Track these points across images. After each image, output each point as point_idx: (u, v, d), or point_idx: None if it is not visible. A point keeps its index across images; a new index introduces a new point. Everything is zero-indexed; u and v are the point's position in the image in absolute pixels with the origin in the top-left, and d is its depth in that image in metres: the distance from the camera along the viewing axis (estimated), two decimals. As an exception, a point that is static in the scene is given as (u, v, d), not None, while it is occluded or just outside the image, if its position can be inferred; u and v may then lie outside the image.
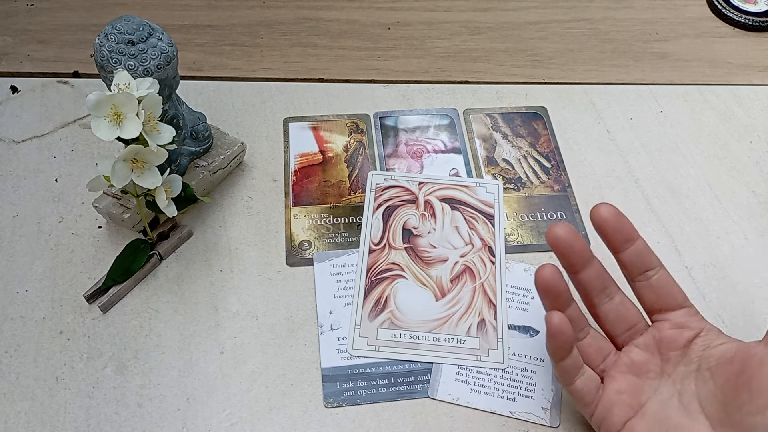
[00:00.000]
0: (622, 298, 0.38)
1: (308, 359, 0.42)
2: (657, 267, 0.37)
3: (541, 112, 0.56)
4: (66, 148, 0.52)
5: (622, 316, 0.37)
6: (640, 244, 0.37)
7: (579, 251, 0.36)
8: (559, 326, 0.34)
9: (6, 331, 0.42)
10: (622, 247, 0.37)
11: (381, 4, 0.65)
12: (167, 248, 0.46)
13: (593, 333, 0.38)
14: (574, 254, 0.36)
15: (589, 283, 0.37)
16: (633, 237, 0.37)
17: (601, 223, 0.37)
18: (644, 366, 0.36)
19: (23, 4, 0.64)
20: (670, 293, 0.37)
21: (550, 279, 0.35)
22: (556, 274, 0.35)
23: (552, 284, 0.35)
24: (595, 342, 0.37)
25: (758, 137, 0.55)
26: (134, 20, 0.40)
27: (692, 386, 0.35)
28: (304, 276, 0.46)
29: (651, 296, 0.37)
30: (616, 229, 0.37)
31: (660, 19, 0.65)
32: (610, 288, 0.37)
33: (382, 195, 0.50)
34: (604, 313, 0.38)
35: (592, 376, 0.37)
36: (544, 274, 0.35)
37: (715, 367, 0.34)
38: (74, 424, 0.39)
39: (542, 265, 0.36)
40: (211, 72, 0.58)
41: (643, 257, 0.37)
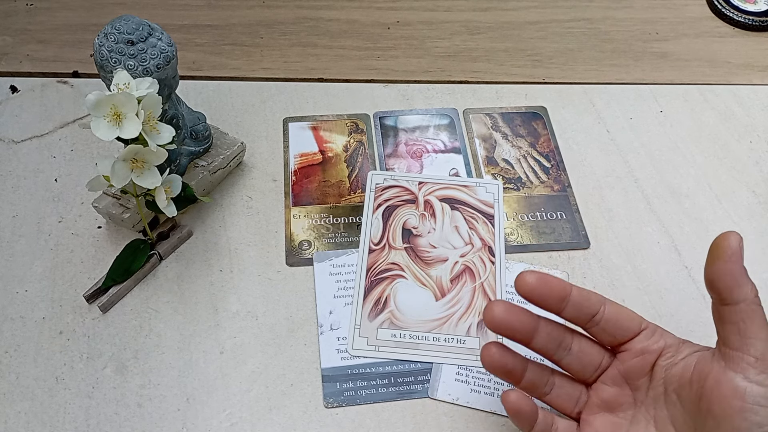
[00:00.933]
0: (580, 345, 0.36)
1: (308, 359, 0.42)
2: (600, 307, 0.35)
3: (541, 111, 0.56)
4: (66, 148, 0.52)
5: (586, 362, 0.36)
6: (575, 295, 0.35)
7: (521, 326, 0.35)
8: (516, 406, 0.35)
9: (6, 331, 0.42)
10: (559, 308, 0.35)
11: (381, 4, 0.65)
12: (167, 248, 0.46)
13: (559, 382, 0.37)
14: (517, 332, 0.35)
15: (543, 348, 0.36)
16: (566, 293, 0.35)
17: (528, 292, 0.35)
18: (616, 400, 0.36)
19: (23, 4, 0.64)
20: (622, 326, 0.35)
21: (497, 359, 0.35)
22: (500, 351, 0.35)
23: (499, 364, 0.35)
24: (562, 390, 0.37)
25: (758, 137, 0.55)
26: (134, 20, 0.40)
27: (664, 411, 0.34)
28: (304, 276, 0.46)
29: (605, 337, 0.36)
30: (547, 294, 0.35)
31: (660, 19, 0.65)
32: (565, 341, 0.36)
33: (381, 195, 0.50)
34: (567, 365, 0.37)
35: (567, 427, 0.36)
36: (490, 356, 0.35)
37: (678, 389, 0.33)
38: (74, 424, 0.39)
39: (485, 345, 0.36)
40: (211, 72, 0.58)
41: (582, 307, 0.35)
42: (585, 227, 0.49)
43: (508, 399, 0.35)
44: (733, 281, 0.31)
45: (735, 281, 0.31)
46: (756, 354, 0.31)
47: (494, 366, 0.36)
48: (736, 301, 0.31)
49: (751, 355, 0.31)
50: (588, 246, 0.48)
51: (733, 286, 0.31)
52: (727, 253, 0.32)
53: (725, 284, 0.32)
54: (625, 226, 0.49)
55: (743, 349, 0.31)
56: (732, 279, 0.31)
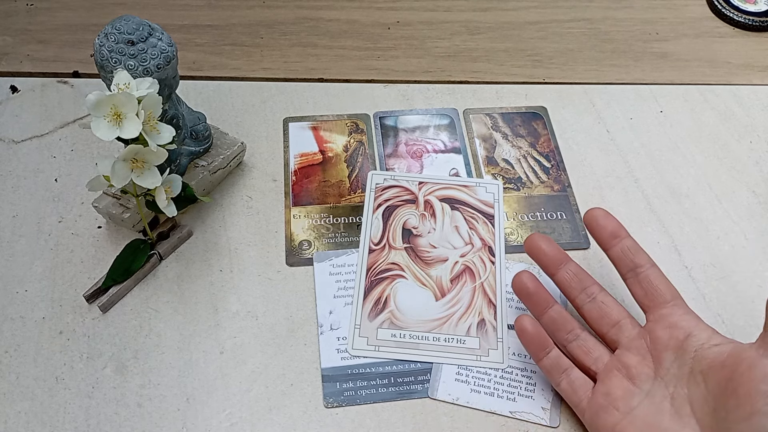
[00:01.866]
0: (604, 297, 0.39)
1: (308, 359, 0.42)
2: (646, 264, 0.38)
3: (541, 112, 0.56)
4: (66, 148, 0.52)
5: (605, 313, 0.38)
6: (628, 242, 0.39)
7: (552, 254, 0.40)
8: (522, 326, 0.37)
9: (6, 331, 0.42)
10: (609, 244, 0.39)
11: (381, 4, 0.65)
12: (167, 248, 0.46)
13: (584, 336, 0.38)
14: (548, 257, 0.40)
15: (567, 284, 0.39)
16: (620, 234, 0.39)
17: (590, 220, 0.40)
18: (636, 369, 0.36)
19: (23, 4, 0.64)
20: (657, 290, 0.38)
21: (524, 283, 0.39)
22: (530, 279, 0.39)
23: (525, 288, 0.38)
24: (584, 344, 0.38)
25: (758, 137, 0.55)
26: (134, 20, 0.40)
27: (684, 389, 0.34)
28: (304, 276, 0.46)
29: (639, 292, 0.38)
30: (602, 227, 0.39)
31: (660, 19, 0.65)
32: (590, 288, 0.39)
33: (381, 195, 0.50)
34: (587, 312, 0.39)
35: (578, 377, 0.37)
36: (520, 279, 0.39)
37: (707, 370, 0.34)
38: (74, 424, 0.39)
39: (519, 272, 0.39)
40: (211, 72, 0.58)
41: (630, 254, 0.39)
42: (585, 227, 0.49)
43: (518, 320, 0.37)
44: None
45: None
46: None
47: (521, 289, 0.39)
48: None
49: None
50: (588, 246, 0.48)
51: None
52: None
53: None
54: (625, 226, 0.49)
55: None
56: None
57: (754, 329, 0.44)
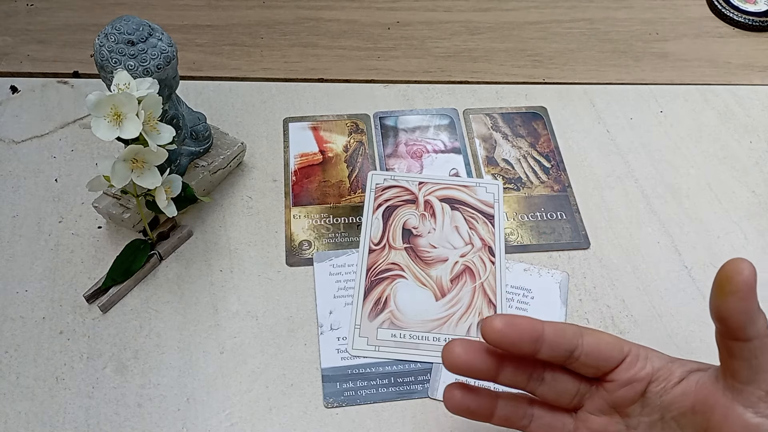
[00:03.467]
0: (553, 374, 0.34)
1: (308, 359, 0.42)
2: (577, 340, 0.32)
3: (541, 112, 0.56)
4: (66, 148, 0.52)
5: (561, 390, 0.34)
6: (549, 332, 0.31)
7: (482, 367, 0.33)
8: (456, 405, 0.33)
9: (6, 331, 0.42)
10: (534, 349, 0.32)
11: (381, 4, 0.65)
12: (167, 248, 0.46)
13: (539, 412, 0.34)
14: (479, 372, 0.33)
15: (512, 383, 0.34)
16: (538, 333, 0.31)
17: (498, 339, 0.31)
18: (606, 430, 0.33)
19: (23, 4, 0.64)
20: (604, 357, 0.32)
21: (458, 401, 0.33)
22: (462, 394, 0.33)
23: (461, 406, 0.33)
24: (544, 422, 0.34)
25: (758, 137, 0.55)
26: (134, 20, 0.40)
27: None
28: (304, 276, 0.46)
29: (588, 370, 0.33)
30: (517, 338, 0.31)
31: (660, 19, 0.65)
32: (535, 372, 0.34)
33: (382, 195, 0.50)
34: (541, 395, 0.34)
35: None
36: (452, 399, 0.33)
37: (678, 416, 0.32)
38: (74, 424, 0.39)
39: (447, 387, 0.34)
40: (211, 72, 0.58)
41: (559, 345, 0.32)
42: (585, 227, 0.49)
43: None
44: (747, 319, 0.28)
45: (750, 318, 0.28)
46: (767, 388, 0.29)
47: (457, 409, 0.33)
48: (749, 338, 0.28)
49: (762, 389, 0.29)
50: (588, 246, 0.48)
51: (747, 323, 0.28)
52: (741, 288, 0.28)
53: (739, 322, 0.28)
54: (625, 226, 0.49)
55: (755, 383, 0.29)
56: (747, 317, 0.28)
57: (754, 329, 0.44)
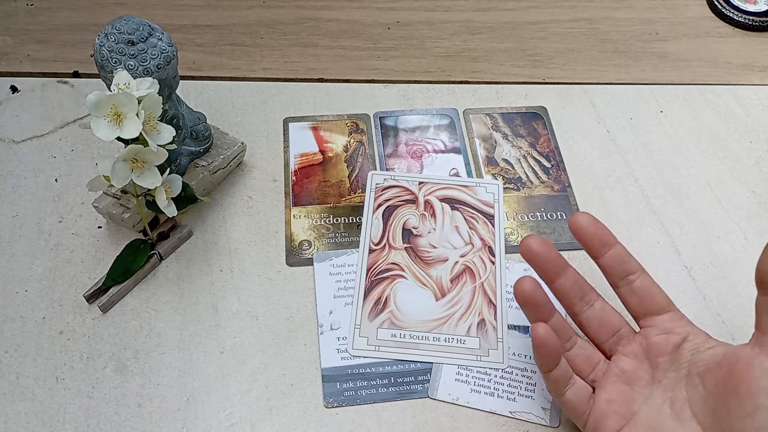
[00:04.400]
0: (603, 305, 0.38)
1: (308, 359, 0.42)
2: (638, 272, 0.38)
3: (541, 112, 0.56)
4: (66, 148, 0.52)
5: (604, 322, 0.38)
6: (619, 249, 0.38)
7: (552, 261, 0.38)
8: (544, 337, 0.35)
9: (6, 331, 0.42)
10: (600, 252, 0.38)
11: (381, 4, 0.65)
12: (167, 248, 0.46)
13: (581, 343, 0.38)
14: (547, 264, 0.38)
15: (566, 292, 0.38)
16: (610, 242, 0.38)
17: (578, 229, 0.38)
18: (634, 374, 0.36)
19: (23, 4, 0.64)
20: (653, 297, 0.37)
21: (529, 291, 0.37)
22: (534, 286, 0.37)
23: (531, 296, 0.37)
24: (583, 352, 0.38)
25: (758, 137, 0.55)
26: (134, 20, 0.40)
27: (683, 392, 0.34)
28: (304, 276, 0.46)
29: (634, 300, 0.38)
30: (593, 235, 0.38)
31: (660, 19, 0.65)
32: (589, 295, 0.38)
33: (382, 195, 0.50)
34: (586, 320, 0.38)
35: (582, 387, 0.37)
36: (523, 287, 0.37)
37: (704, 372, 0.34)
38: (74, 424, 0.39)
39: (520, 278, 0.37)
40: (211, 72, 0.58)
41: (622, 262, 0.38)
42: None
43: (537, 329, 0.35)
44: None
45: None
46: None
47: (526, 297, 0.37)
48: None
49: None
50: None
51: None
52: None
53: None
54: (625, 226, 0.49)
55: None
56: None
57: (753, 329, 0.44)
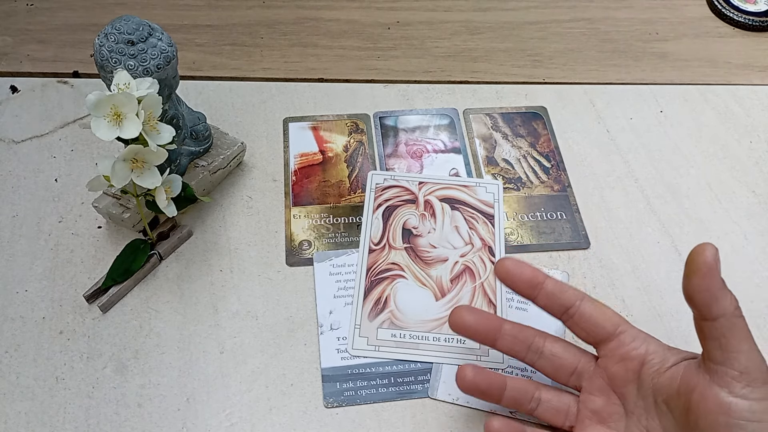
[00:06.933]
0: (552, 347, 0.37)
1: (308, 359, 0.42)
2: (575, 302, 0.36)
3: (541, 112, 0.56)
4: (66, 148, 0.52)
5: (558, 365, 0.37)
6: (549, 285, 0.36)
7: (483, 329, 0.37)
8: None
9: (6, 331, 0.42)
10: (532, 294, 0.36)
11: (381, 4, 0.65)
12: (167, 248, 0.46)
13: (546, 396, 0.37)
14: (479, 334, 0.37)
15: (511, 350, 0.37)
16: (538, 280, 0.36)
17: (503, 275, 0.37)
18: (605, 411, 0.35)
19: (23, 4, 0.64)
20: (597, 324, 0.35)
21: (469, 380, 0.36)
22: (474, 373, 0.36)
23: (473, 384, 0.36)
24: (550, 405, 0.37)
25: (758, 137, 0.55)
26: (134, 20, 0.40)
27: (656, 420, 0.34)
28: (304, 276, 0.46)
29: (581, 333, 0.36)
30: (518, 277, 0.36)
31: (660, 19, 0.65)
32: (535, 343, 0.37)
33: (382, 195, 0.50)
34: (541, 368, 0.37)
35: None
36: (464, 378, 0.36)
37: (667, 399, 0.33)
38: (74, 424, 0.39)
39: (460, 367, 0.36)
40: (211, 72, 0.58)
41: (556, 297, 0.36)
42: (585, 227, 0.49)
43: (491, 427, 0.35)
44: (710, 297, 0.31)
45: (713, 296, 0.31)
46: (739, 368, 0.30)
47: (468, 387, 0.36)
48: (715, 317, 0.31)
49: (734, 369, 0.31)
50: (588, 246, 0.48)
51: (711, 301, 0.31)
52: (702, 268, 0.31)
53: (703, 300, 0.31)
54: (625, 226, 0.49)
55: (727, 363, 0.31)
56: (709, 295, 0.31)
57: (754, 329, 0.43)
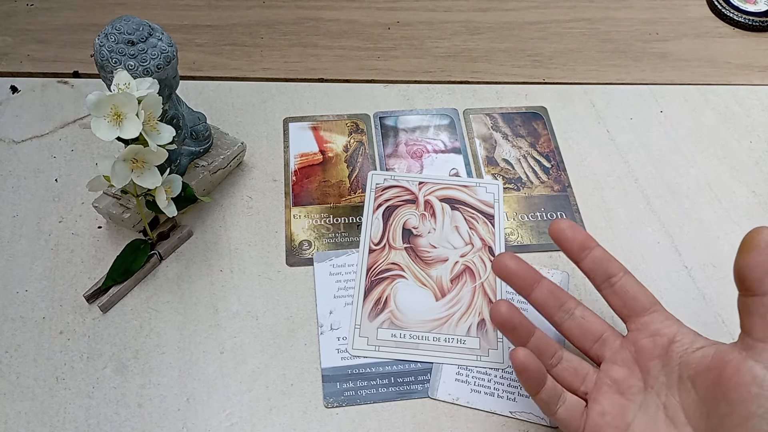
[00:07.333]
0: (583, 312, 0.38)
1: (308, 359, 0.42)
2: (619, 273, 0.37)
3: (541, 112, 0.56)
4: (66, 148, 0.52)
5: (586, 329, 0.38)
6: (598, 252, 0.38)
7: (525, 274, 0.38)
8: (524, 362, 0.35)
9: (6, 331, 0.42)
10: (580, 257, 0.38)
11: (381, 4, 0.65)
12: (167, 248, 0.46)
13: (567, 356, 0.37)
14: (521, 278, 0.38)
15: (543, 303, 0.38)
16: (589, 245, 0.38)
17: (557, 234, 0.38)
18: (625, 382, 0.36)
19: (23, 4, 0.64)
20: (635, 298, 0.37)
21: (504, 314, 0.36)
22: (509, 308, 0.36)
23: (508, 318, 0.36)
24: (570, 365, 0.37)
25: (758, 137, 0.55)
26: (134, 20, 0.40)
27: (676, 397, 0.34)
28: (304, 276, 0.46)
29: (617, 302, 0.37)
30: (571, 239, 0.38)
31: (660, 19, 0.65)
32: (567, 304, 0.38)
33: (382, 195, 0.50)
34: (567, 330, 0.38)
35: (574, 402, 0.36)
36: (499, 310, 0.37)
37: (694, 375, 0.34)
38: (74, 424, 0.39)
39: (495, 302, 0.37)
40: (211, 72, 0.58)
41: (602, 264, 0.38)
42: (585, 227, 0.49)
43: (516, 355, 0.35)
44: (763, 273, 0.32)
45: (765, 273, 0.32)
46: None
47: (502, 320, 0.36)
48: (764, 293, 0.32)
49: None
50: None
51: (763, 277, 0.32)
52: (759, 245, 0.32)
53: (756, 275, 0.32)
54: (625, 226, 0.49)
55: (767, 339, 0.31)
56: (763, 270, 0.32)
57: (754, 329, 0.44)
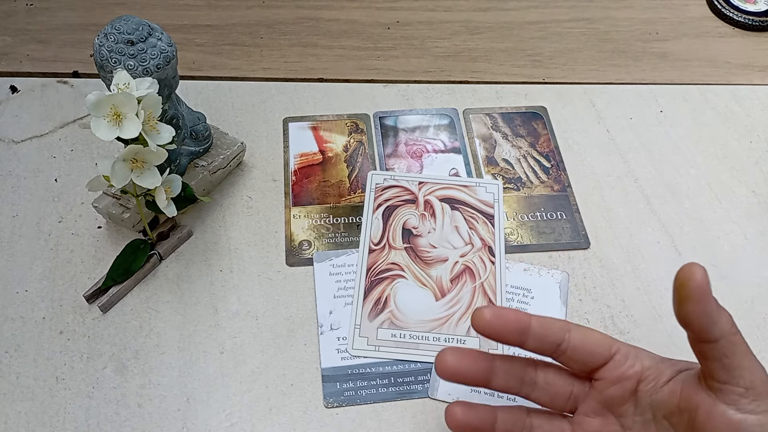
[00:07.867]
0: (545, 377, 0.35)
1: (308, 359, 0.42)
2: (564, 336, 0.33)
3: (541, 111, 0.56)
4: (66, 148, 0.52)
5: (553, 393, 0.35)
6: (535, 326, 0.33)
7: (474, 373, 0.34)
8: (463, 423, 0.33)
9: (6, 331, 0.42)
10: (521, 341, 0.33)
11: (381, 4, 0.65)
12: (167, 248, 0.46)
13: (537, 422, 0.35)
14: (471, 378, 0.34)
15: (505, 387, 0.35)
16: (524, 325, 0.33)
17: (484, 328, 0.33)
18: (603, 430, 0.34)
19: (23, 4, 0.64)
20: (591, 353, 0.33)
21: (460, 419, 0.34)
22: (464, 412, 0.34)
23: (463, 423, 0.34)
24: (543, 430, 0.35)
25: (758, 137, 0.55)
26: (134, 20, 0.40)
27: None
28: (304, 276, 0.46)
29: (575, 365, 0.34)
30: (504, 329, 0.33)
31: (660, 19, 0.65)
32: (528, 376, 0.35)
33: (381, 195, 0.50)
34: (536, 399, 0.35)
35: None
36: (453, 417, 0.34)
37: (668, 415, 0.32)
38: (74, 424, 0.39)
39: (448, 407, 0.34)
40: (211, 72, 0.58)
41: (545, 338, 0.33)
42: (585, 227, 0.49)
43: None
44: (708, 321, 0.30)
45: (710, 320, 0.30)
46: (744, 385, 0.30)
47: (459, 426, 0.34)
48: (715, 339, 0.30)
49: (740, 386, 0.30)
50: (588, 246, 0.48)
51: (709, 325, 0.30)
52: (695, 293, 0.30)
53: (701, 325, 0.30)
54: (625, 226, 0.49)
55: (731, 381, 0.30)
56: (707, 318, 0.30)
57: (754, 329, 0.44)
